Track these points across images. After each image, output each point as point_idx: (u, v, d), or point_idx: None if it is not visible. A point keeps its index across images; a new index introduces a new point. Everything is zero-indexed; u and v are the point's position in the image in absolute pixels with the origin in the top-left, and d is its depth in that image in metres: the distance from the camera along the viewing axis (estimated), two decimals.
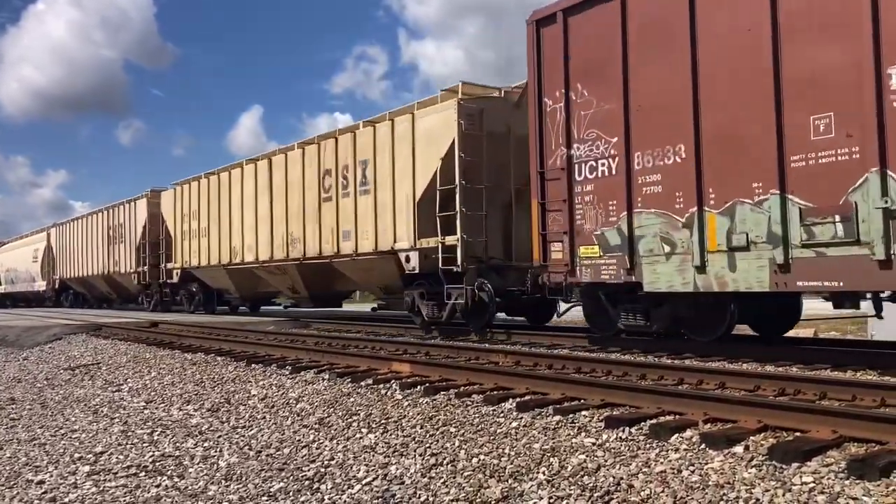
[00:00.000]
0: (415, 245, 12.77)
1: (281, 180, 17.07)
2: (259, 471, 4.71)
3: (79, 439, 5.99)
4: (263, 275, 18.61)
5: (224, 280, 20.60)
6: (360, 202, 14.25)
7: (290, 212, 16.61)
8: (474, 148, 12.10)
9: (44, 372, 10.44)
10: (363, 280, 15.61)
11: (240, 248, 18.92)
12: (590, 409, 5.33)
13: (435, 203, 12.40)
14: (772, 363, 7.85)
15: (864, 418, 4.25)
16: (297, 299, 19.01)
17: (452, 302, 12.13)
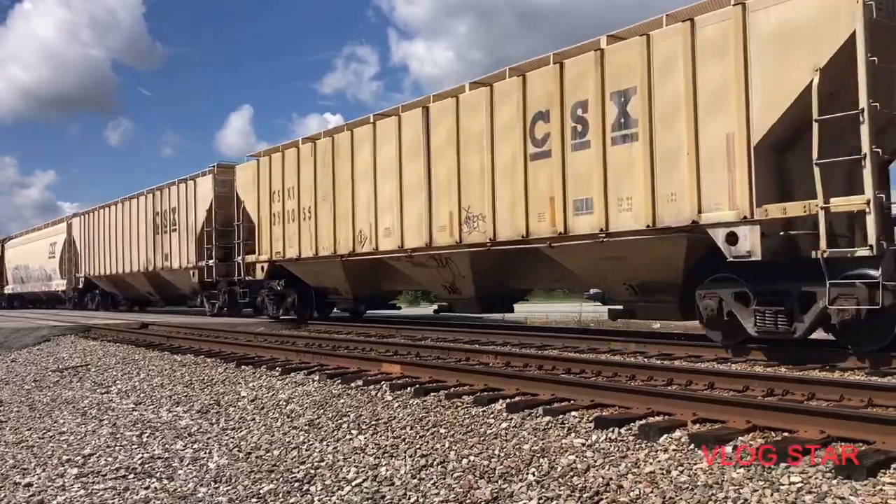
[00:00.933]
0: (751, 216, 7.93)
1: (448, 135, 11.96)
2: (249, 472, 4.70)
3: (67, 441, 5.96)
4: (404, 268, 13.58)
5: (334, 276, 15.39)
6: (616, 154, 9.32)
7: (464, 178, 11.65)
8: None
9: (32, 374, 10.37)
10: (601, 273, 10.29)
11: (370, 233, 13.69)
12: (579, 409, 5.34)
13: (789, 149, 8.11)
14: (761, 364, 7.89)
15: (852, 418, 4.29)
16: (453, 301, 13.52)
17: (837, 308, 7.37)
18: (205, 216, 20.11)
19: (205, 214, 20.10)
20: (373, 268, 14.44)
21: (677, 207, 8.56)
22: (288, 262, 16.30)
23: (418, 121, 12.63)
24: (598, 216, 9.42)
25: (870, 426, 4.14)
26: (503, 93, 11.02)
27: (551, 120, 10.11)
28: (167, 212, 22.24)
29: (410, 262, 13.15)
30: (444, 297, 13.58)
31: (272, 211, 16.69)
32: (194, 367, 9.49)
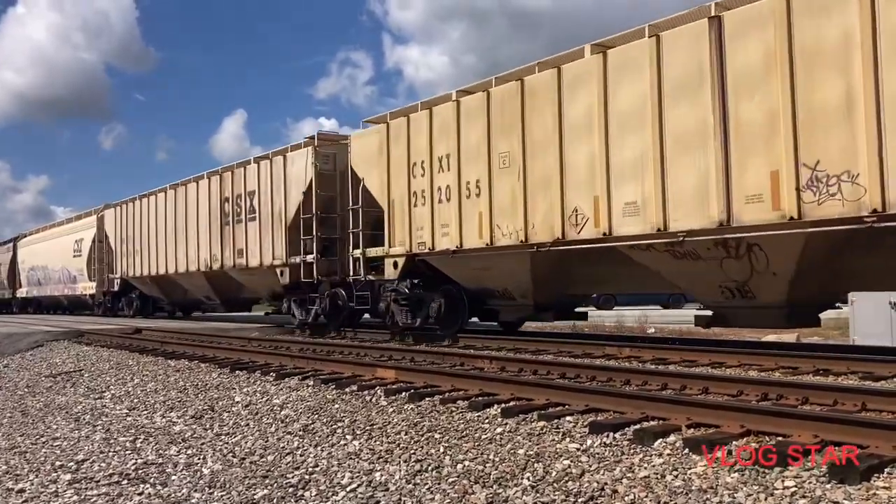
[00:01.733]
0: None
1: (767, 52, 7.79)
2: (243, 478, 4.68)
3: (60, 447, 5.93)
4: (652, 262, 9.29)
5: (513, 274, 11.33)
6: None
7: (805, 117, 7.53)
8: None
9: (25, 379, 10.33)
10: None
11: (593, 212, 9.63)
12: (574, 414, 5.34)
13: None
14: (755, 368, 7.91)
15: (846, 422, 4.29)
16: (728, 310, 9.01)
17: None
18: (300, 200, 15.46)
19: (300, 198, 15.45)
20: (571, 262, 10.60)
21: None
22: (439, 255, 12.16)
23: (701, 38, 8.44)
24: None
25: (863, 430, 4.14)
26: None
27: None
28: (241, 197, 17.53)
29: (670, 254, 8.97)
30: (715, 302, 9.24)
31: (412, 189, 12.61)
32: (188, 372, 9.46)
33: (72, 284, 29.23)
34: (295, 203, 15.69)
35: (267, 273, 16.64)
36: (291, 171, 15.89)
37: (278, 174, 16.27)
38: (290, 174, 15.89)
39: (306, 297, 15.61)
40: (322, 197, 15.21)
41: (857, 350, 9.65)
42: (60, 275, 30.41)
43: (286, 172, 15.99)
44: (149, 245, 22.13)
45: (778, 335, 14.74)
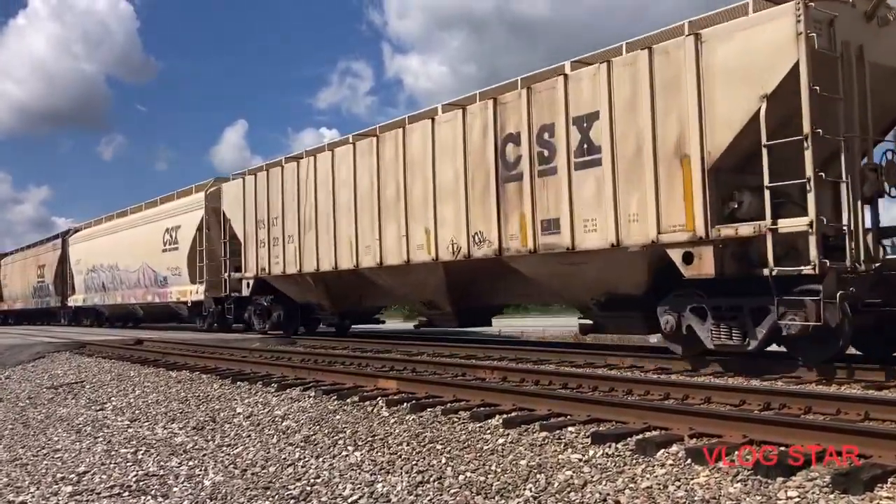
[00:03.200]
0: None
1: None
2: (244, 489, 4.67)
3: (61, 459, 5.92)
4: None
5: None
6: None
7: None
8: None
9: (26, 391, 10.32)
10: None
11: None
12: (576, 424, 5.33)
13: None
14: (757, 377, 7.89)
15: (849, 432, 4.28)
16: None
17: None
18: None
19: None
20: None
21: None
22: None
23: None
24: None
25: (867, 440, 4.13)
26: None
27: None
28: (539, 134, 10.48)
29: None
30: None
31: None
32: (190, 383, 9.45)
33: (159, 289, 22.30)
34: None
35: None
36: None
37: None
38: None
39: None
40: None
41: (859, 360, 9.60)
42: (140, 276, 23.18)
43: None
44: (315, 227, 14.77)
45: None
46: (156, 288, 22.77)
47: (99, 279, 26.74)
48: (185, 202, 21.29)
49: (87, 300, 28.34)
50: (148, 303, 23.49)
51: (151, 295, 23.05)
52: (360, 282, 14.54)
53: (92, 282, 27.44)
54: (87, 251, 28.07)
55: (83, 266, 28.16)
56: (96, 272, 26.87)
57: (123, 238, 24.77)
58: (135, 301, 24.20)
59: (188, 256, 20.50)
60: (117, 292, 25.41)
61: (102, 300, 26.74)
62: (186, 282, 20.77)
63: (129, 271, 24.29)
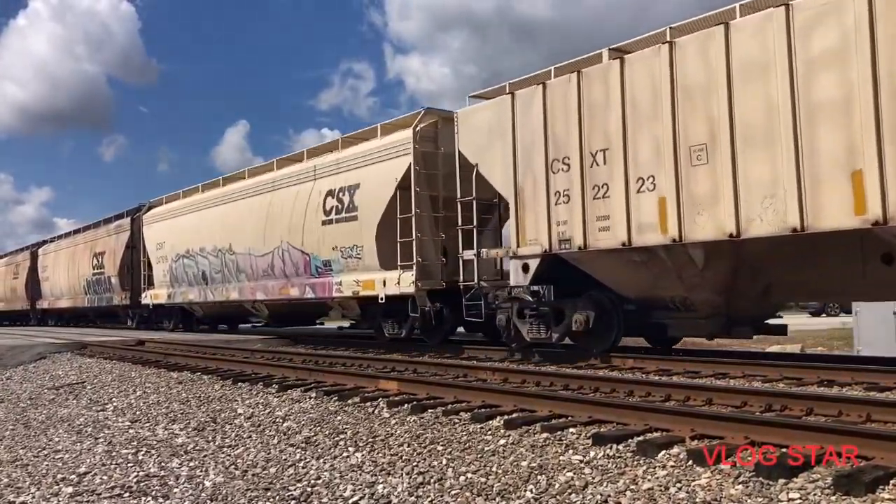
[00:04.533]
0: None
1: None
2: (245, 490, 4.67)
3: (62, 460, 5.92)
4: None
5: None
6: None
7: None
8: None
9: (27, 391, 10.32)
10: None
11: None
12: (577, 426, 5.33)
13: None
14: (759, 379, 7.88)
15: (851, 434, 4.27)
16: None
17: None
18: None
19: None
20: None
21: None
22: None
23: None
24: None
25: (869, 441, 4.12)
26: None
27: None
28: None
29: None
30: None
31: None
32: (191, 384, 9.45)
33: (310, 279, 15.07)
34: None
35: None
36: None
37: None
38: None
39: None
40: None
41: (862, 361, 9.61)
42: (274, 261, 16.22)
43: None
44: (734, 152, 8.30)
45: (781, 346, 14.69)
46: (304, 277, 15.14)
47: (195, 268, 19.46)
48: (368, 149, 13.83)
49: (174, 296, 20.87)
50: (289, 299, 15.98)
51: (297, 287, 15.46)
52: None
53: (183, 272, 20.16)
54: (174, 231, 20.82)
55: (168, 251, 20.97)
56: (192, 258, 19.64)
57: (240, 210, 17.59)
58: (264, 296, 16.80)
59: (378, 228, 13.19)
60: (229, 285, 18.07)
61: (202, 296, 19.40)
62: (373, 266, 13.38)
63: (253, 255, 16.79)
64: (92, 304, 27.38)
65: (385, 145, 13.40)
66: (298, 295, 15.63)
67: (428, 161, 12.67)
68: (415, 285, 12.30)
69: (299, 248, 15.35)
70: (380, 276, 13.15)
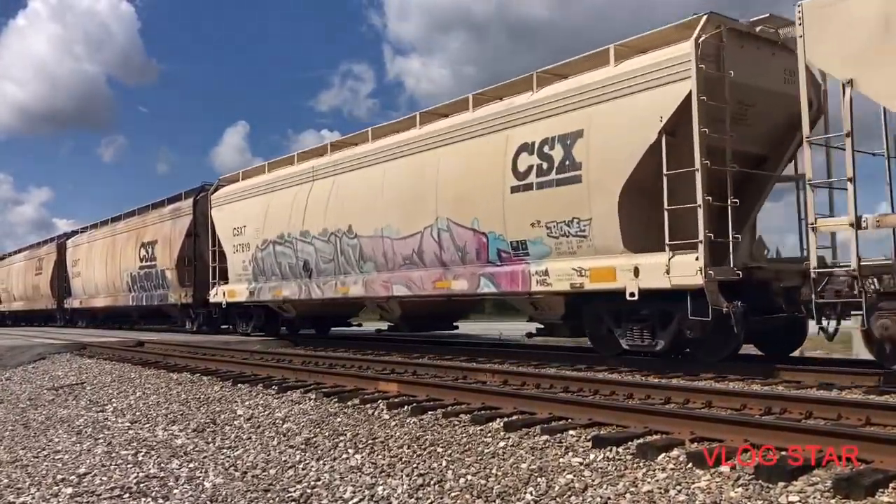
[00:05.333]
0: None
1: None
2: (245, 492, 4.67)
3: (62, 460, 5.92)
4: None
5: None
6: None
7: None
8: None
9: (27, 392, 10.32)
10: None
11: None
12: (577, 428, 5.33)
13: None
14: (758, 382, 7.88)
15: (850, 437, 4.28)
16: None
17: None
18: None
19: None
20: None
21: None
22: None
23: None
24: None
25: (868, 445, 4.13)
26: None
27: None
28: None
29: None
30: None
31: None
32: (190, 385, 9.45)
33: (487, 267, 11.20)
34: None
35: None
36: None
37: None
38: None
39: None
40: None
41: (861, 364, 9.61)
42: (422, 245, 12.25)
43: None
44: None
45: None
46: (478, 265, 11.21)
47: (293, 257, 15.33)
48: (597, 80, 9.81)
49: (259, 292, 16.54)
50: (449, 294, 11.89)
51: (465, 279, 11.39)
52: None
53: (274, 262, 15.97)
54: (258, 212, 16.63)
55: (251, 238, 16.79)
56: (288, 245, 15.47)
57: (367, 181, 13.52)
58: (405, 291, 12.59)
59: (622, 193, 9.31)
60: (346, 278, 13.94)
61: (302, 292, 15.14)
62: (610, 248, 9.44)
63: (389, 238, 12.80)
64: (138, 302, 23.09)
65: (632, 72, 9.39)
66: (467, 289, 11.33)
67: (714, 90, 8.66)
68: (704, 274, 8.37)
69: (469, 227, 11.19)
70: (626, 263, 9.18)
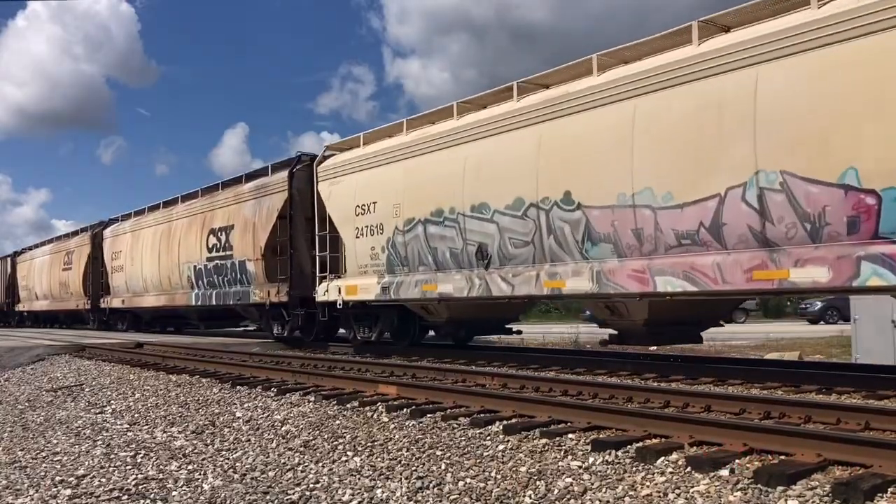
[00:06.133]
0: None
1: None
2: (243, 494, 4.66)
3: (60, 462, 5.91)
4: None
5: None
6: None
7: None
8: None
9: (25, 393, 10.31)
10: None
11: None
12: (576, 431, 5.33)
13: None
14: (757, 386, 7.88)
15: (849, 441, 4.28)
16: None
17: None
18: None
19: None
20: None
21: None
22: None
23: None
24: None
25: (867, 449, 4.13)
26: None
27: None
28: None
29: None
30: None
31: None
32: (189, 387, 9.44)
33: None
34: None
35: None
36: None
37: None
38: None
39: None
40: None
41: (860, 368, 9.62)
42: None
43: None
44: None
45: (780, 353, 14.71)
46: (853, 243, 7.08)
47: (458, 240, 11.33)
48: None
49: (398, 288, 12.41)
50: (780, 287, 7.74)
51: (825, 265, 7.28)
52: None
53: (425, 248, 11.95)
54: (388, 185, 12.73)
55: (384, 217, 12.71)
56: (450, 224, 11.47)
57: (589, 128, 9.56)
58: (686, 286, 8.44)
59: None
60: (555, 267, 9.97)
61: (473, 287, 11.10)
62: None
63: (652, 206, 8.74)
64: (204, 301, 18.74)
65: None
66: (828, 281, 7.34)
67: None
68: None
69: (833, 182, 7.21)
70: None
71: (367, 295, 13.12)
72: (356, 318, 14.10)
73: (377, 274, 12.99)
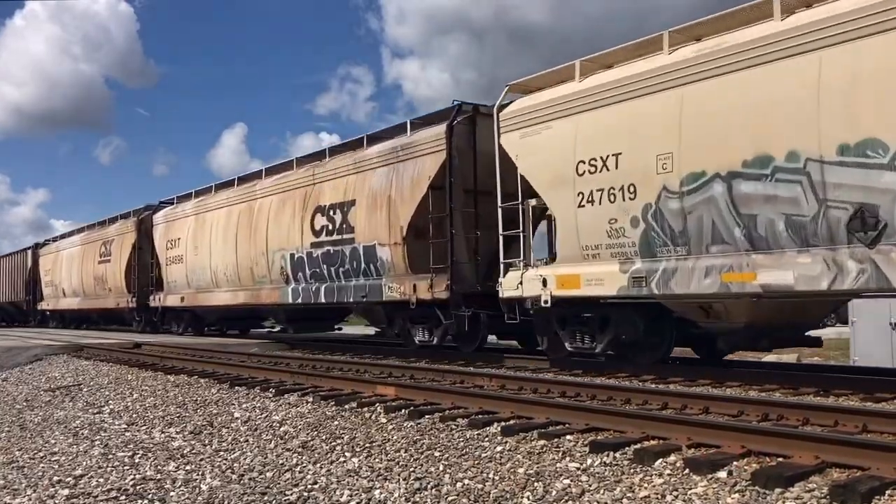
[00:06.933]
0: None
1: None
2: (241, 494, 4.66)
3: (58, 462, 5.91)
4: None
5: None
6: None
7: None
8: None
9: (23, 393, 10.30)
10: None
11: None
12: (574, 433, 5.33)
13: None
14: (755, 388, 7.89)
15: (847, 444, 4.28)
16: None
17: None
18: None
19: None
20: None
21: None
22: None
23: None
24: None
25: (865, 452, 4.13)
26: None
27: None
28: None
29: None
30: None
31: None
32: (187, 387, 9.44)
33: None
34: None
35: None
36: None
37: None
38: None
39: None
40: None
41: (858, 371, 9.63)
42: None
43: None
44: None
45: (777, 356, 14.72)
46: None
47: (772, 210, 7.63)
48: None
49: (669, 276, 8.59)
50: None
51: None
52: None
53: (708, 219, 8.21)
54: (679, 118, 8.42)
55: (621, 176, 9.09)
56: (777, 179, 7.56)
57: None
58: None
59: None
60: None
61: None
62: None
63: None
64: (308, 298, 14.94)
65: None
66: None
67: None
68: None
69: None
70: None
71: (601, 289, 9.45)
72: (564, 320, 10.42)
73: (619, 258, 9.24)
